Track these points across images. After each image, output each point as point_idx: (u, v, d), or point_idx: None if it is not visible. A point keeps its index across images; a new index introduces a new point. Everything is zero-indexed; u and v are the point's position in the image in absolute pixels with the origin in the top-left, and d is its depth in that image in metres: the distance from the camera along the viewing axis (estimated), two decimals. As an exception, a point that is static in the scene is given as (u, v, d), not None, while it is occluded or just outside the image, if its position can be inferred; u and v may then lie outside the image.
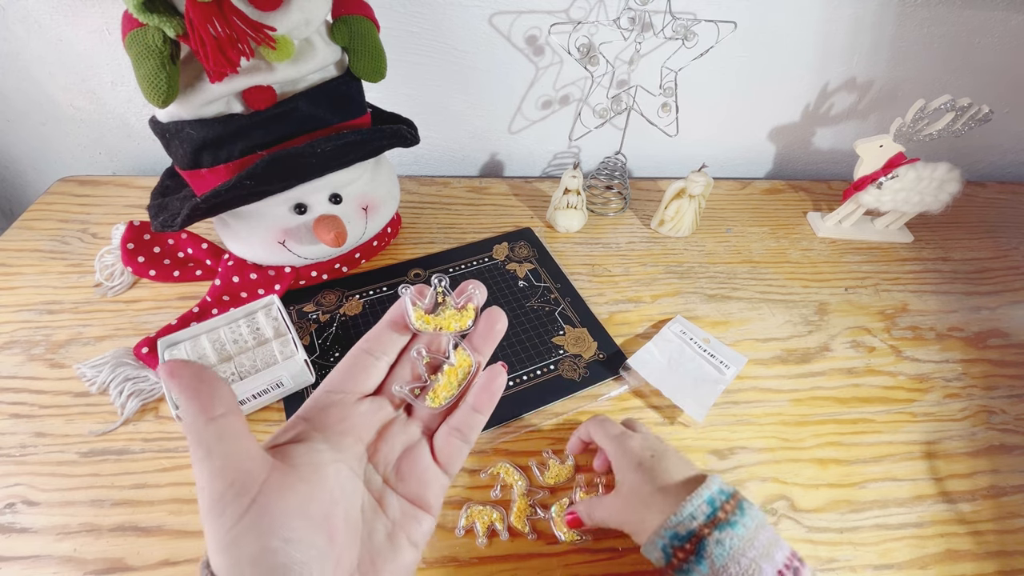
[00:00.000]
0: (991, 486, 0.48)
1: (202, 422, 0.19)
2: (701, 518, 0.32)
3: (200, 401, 0.20)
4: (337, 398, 0.25)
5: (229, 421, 0.20)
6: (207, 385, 0.20)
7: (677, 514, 0.32)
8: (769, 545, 0.31)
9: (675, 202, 0.68)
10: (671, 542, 0.32)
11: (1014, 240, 0.75)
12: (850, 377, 0.55)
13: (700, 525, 0.32)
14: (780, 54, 0.74)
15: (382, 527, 0.23)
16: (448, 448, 0.25)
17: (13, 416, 0.47)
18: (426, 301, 0.27)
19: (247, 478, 0.19)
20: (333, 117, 0.50)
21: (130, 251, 0.56)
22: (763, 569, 0.30)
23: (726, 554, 0.30)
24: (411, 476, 0.24)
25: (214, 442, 0.19)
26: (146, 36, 0.39)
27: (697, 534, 0.31)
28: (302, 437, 0.23)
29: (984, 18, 0.72)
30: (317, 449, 0.23)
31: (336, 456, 0.23)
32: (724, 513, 0.32)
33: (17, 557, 0.39)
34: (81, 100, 0.70)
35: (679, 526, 0.32)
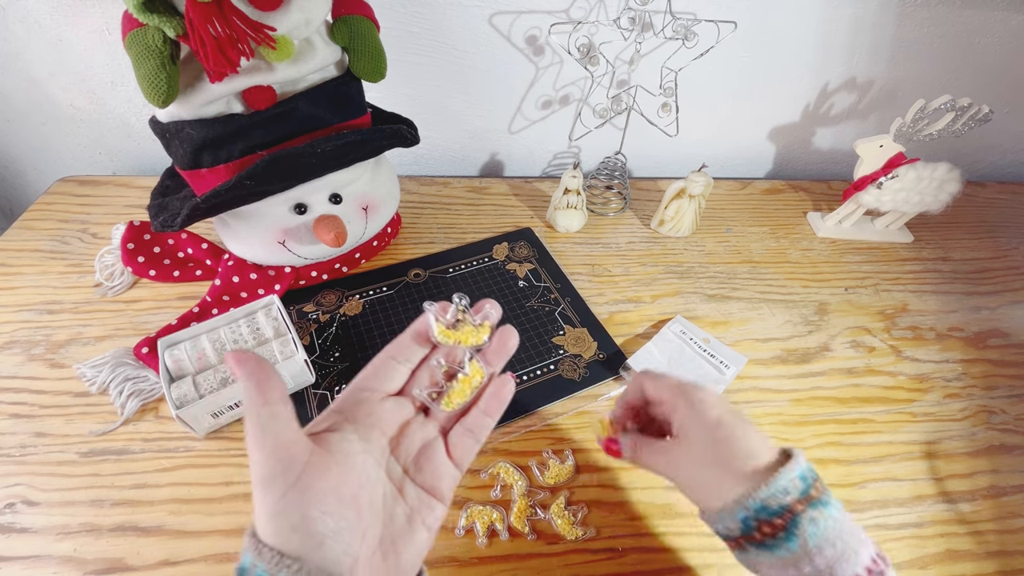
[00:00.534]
0: (991, 486, 0.48)
1: (260, 405, 0.23)
2: (795, 493, 0.29)
3: (260, 388, 0.23)
4: (365, 395, 0.28)
5: (280, 409, 0.23)
6: (266, 375, 0.23)
7: (769, 485, 0.29)
8: (858, 531, 0.29)
9: (675, 202, 0.68)
10: (757, 514, 0.29)
11: (1014, 240, 0.75)
12: (850, 377, 0.55)
13: (794, 500, 0.29)
14: (780, 54, 0.74)
15: (401, 511, 0.26)
16: (461, 446, 0.29)
17: (13, 416, 0.47)
18: (447, 317, 0.30)
19: (292, 459, 0.23)
20: (333, 117, 0.50)
21: (130, 251, 0.56)
22: (858, 554, 0.28)
23: (819, 534, 0.28)
24: (427, 468, 0.27)
25: (268, 424, 0.23)
26: (146, 36, 0.39)
27: (791, 509, 0.29)
28: (336, 427, 0.26)
29: (984, 18, 0.72)
30: (348, 439, 0.25)
31: (364, 447, 0.26)
32: (816, 491, 0.29)
33: (17, 557, 0.39)
34: (81, 100, 0.70)
35: (770, 499, 0.29)
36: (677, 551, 0.42)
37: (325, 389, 0.50)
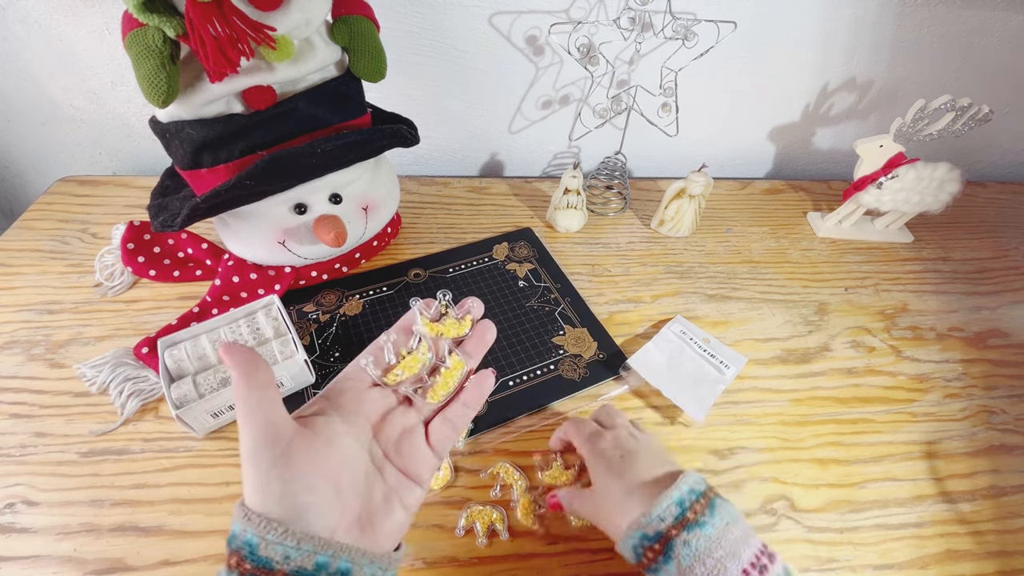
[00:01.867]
0: (991, 486, 0.48)
1: (248, 389, 0.25)
2: (669, 519, 0.32)
3: (249, 373, 0.25)
4: (351, 384, 0.30)
5: (268, 393, 0.25)
6: (254, 363, 0.25)
7: (647, 515, 0.33)
8: (737, 543, 0.32)
9: (675, 202, 0.68)
10: (640, 542, 0.33)
11: (1014, 240, 0.75)
12: (850, 377, 0.55)
13: (668, 526, 0.32)
14: (780, 54, 0.74)
15: (380, 490, 0.28)
16: (440, 434, 0.30)
17: (13, 416, 0.47)
18: (431, 311, 0.33)
19: (279, 436, 0.25)
20: (333, 117, 0.50)
21: (130, 251, 0.56)
22: (728, 569, 0.31)
23: (692, 554, 0.31)
24: (407, 453, 0.29)
25: (256, 405, 0.25)
26: (146, 36, 0.39)
27: (665, 535, 0.32)
28: (322, 412, 0.28)
29: (984, 18, 0.72)
30: (333, 422, 0.28)
31: (348, 429, 0.28)
32: (693, 514, 0.33)
33: (17, 557, 0.39)
34: (81, 100, 0.70)
35: (648, 527, 0.33)
36: (677, 551, 0.42)
37: (325, 389, 0.50)
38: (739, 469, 0.47)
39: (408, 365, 0.31)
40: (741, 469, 0.47)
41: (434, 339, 0.32)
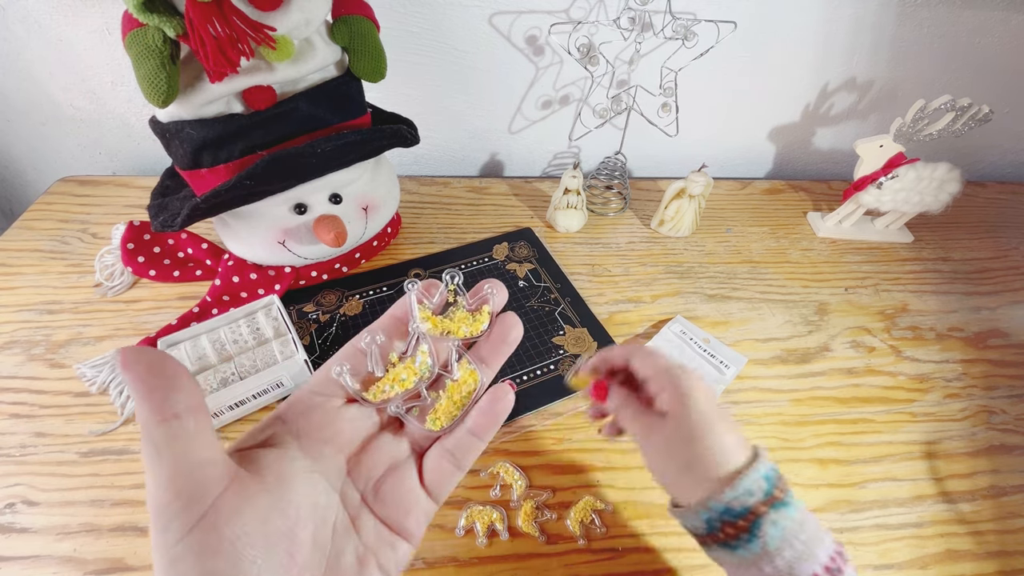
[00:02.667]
0: (991, 486, 0.48)
1: (153, 422, 0.17)
2: (759, 495, 0.28)
3: (153, 398, 0.17)
4: (319, 400, 0.22)
5: (185, 423, 0.17)
6: (164, 380, 0.17)
7: (734, 487, 0.28)
8: (817, 528, 0.29)
9: (675, 202, 0.68)
10: (720, 516, 0.29)
11: (1014, 240, 0.75)
12: (850, 377, 0.55)
13: (757, 503, 0.28)
14: (780, 54, 0.74)
15: (352, 550, 0.21)
16: (438, 472, 0.23)
17: (13, 416, 0.47)
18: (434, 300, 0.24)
19: (198, 490, 0.17)
20: (333, 117, 0.50)
21: (130, 251, 0.56)
22: (816, 555, 0.28)
23: (780, 536, 0.28)
24: (392, 498, 0.22)
25: (164, 446, 0.17)
26: (146, 36, 0.39)
27: (753, 511, 0.28)
28: (275, 441, 0.21)
29: (984, 18, 0.72)
30: (290, 457, 0.20)
31: (312, 466, 0.21)
32: (780, 491, 0.29)
33: (17, 557, 0.39)
34: (81, 100, 0.70)
35: (734, 501, 0.28)
36: (677, 551, 0.42)
37: (325, 389, 0.50)
38: (739, 469, 0.47)
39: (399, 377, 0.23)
40: (741, 469, 0.47)
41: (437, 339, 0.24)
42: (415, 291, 0.24)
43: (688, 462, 0.30)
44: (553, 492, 0.44)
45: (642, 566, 0.41)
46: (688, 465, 0.31)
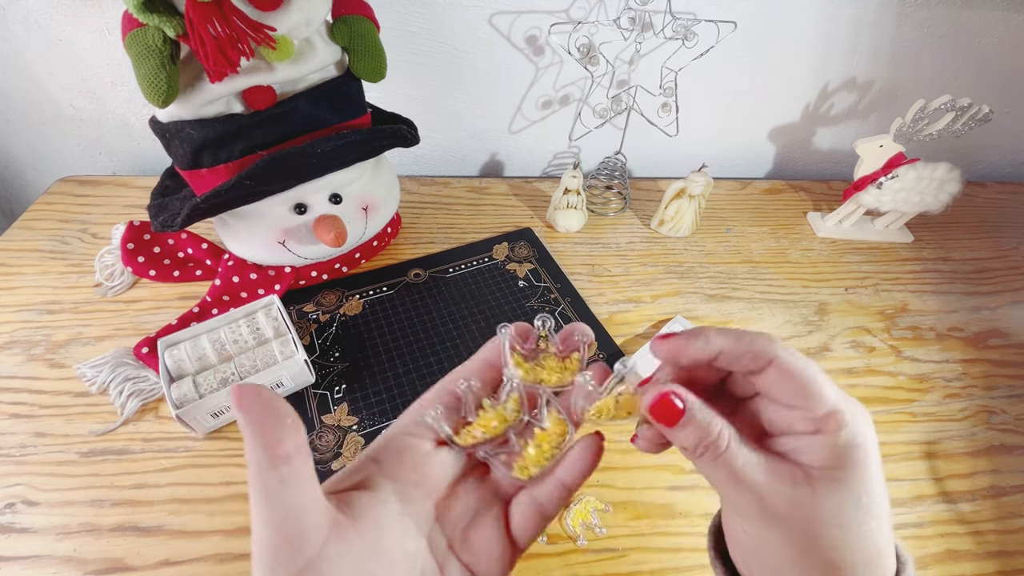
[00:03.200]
0: (991, 486, 0.48)
1: (266, 465, 0.17)
2: None
3: (267, 440, 0.17)
4: (412, 442, 0.22)
5: (295, 466, 0.17)
6: (276, 420, 0.17)
7: None
8: None
9: (675, 202, 0.68)
10: None
11: (1014, 240, 0.75)
12: (850, 377, 0.55)
13: None
14: (780, 54, 0.74)
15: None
16: (525, 522, 0.22)
17: (13, 416, 0.47)
18: (527, 345, 0.23)
19: (306, 534, 0.17)
20: (333, 117, 0.50)
21: (130, 251, 0.56)
22: None
23: None
24: (479, 546, 0.22)
25: (275, 489, 0.17)
26: (146, 36, 0.39)
27: None
28: (369, 484, 0.21)
29: (984, 18, 0.72)
30: (383, 500, 0.20)
31: (403, 510, 0.21)
32: None
33: (17, 557, 0.39)
34: (81, 100, 0.70)
35: None
36: (677, 551, 0.42)
37: (325, 389, 0.50)
38: (739, 469, 0.47)
39: (490, 424, 0.22)
40: (741, 469, 0.47)
41: (528, 386, 0.23)
42: (508, 337, 0.23)
43: (830, 565, 0.19)
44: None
45: (642, 566, 0.41)
46: (826, 570, 0.19)
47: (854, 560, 0.19)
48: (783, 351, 0.21)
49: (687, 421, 0.20)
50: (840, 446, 0.19)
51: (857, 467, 0.19)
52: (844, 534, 0.19)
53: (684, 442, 0.21)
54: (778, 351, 0.20)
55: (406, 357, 0.53)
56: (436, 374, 0.52)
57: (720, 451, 0.20)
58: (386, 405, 0.49)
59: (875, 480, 0.19)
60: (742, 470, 0.20)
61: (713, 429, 0.20)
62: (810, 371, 0.20)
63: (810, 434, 0.20)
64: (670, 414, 0.20)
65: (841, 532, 0.19)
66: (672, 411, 0.20)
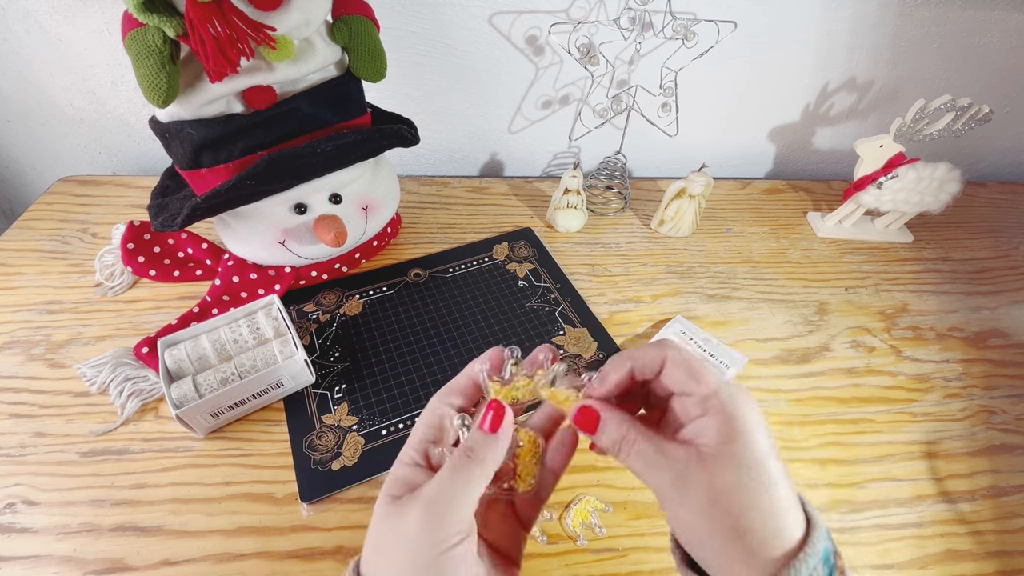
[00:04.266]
0: (991, 486, 0.48)
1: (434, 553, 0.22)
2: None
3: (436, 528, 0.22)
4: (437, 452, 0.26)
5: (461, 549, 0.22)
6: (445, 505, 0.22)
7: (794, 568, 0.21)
8: None
9: (675, 202, 0.68)
10: None
11: (1014, 240, 0.75)
12: (850, 377, 0.55)
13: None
14: (780, 54, 0.74)
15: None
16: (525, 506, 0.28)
17: (13, 416, 0.47)
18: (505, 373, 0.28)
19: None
20: (333, 117, 0.50)
21: (130, 251, 0.56)
22: None
23: None
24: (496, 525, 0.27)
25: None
26: (146, 36, 0.39)
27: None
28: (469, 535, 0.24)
29: (984, 18, 0.72)
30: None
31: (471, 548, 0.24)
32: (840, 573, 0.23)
33: (17, 557, 0.39)
34: (81, 100, 0.70)
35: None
36: (677, 551, 0.42)
37: (325, 389, 0.50)
38: (739, 469, 0.47)
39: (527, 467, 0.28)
40: (741, 469, 0.47)
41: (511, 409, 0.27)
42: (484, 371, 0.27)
43: (739, 529, 0.22)
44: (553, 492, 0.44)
45: (642, 566, 0.41)
46: (738, 533, 0.22)
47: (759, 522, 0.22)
48: (671, 349, 0.25)
49: (603, 427, 0.25)
50: (723, 423, 0.23)
51: (739, 440, 0.23)
52: (742, 500, 0.22)
53: (603, 443, 0.26)
54: (667, 351, 0.25)
55: (406, 357, 0.53)
56: (436, 374, 0.52)
57: (631, 445, 0.24)
58: (386, 405, 0.49)
59: (762, 450, 0.23)
60: (653, 459, 0.24)
61: (623, 429, 0.25)
62: (694, 362, 0.25)
63: (700, 417, 0.24)
64: (590, 422, 0.26)
65: (740, 499, 0.22)
66: (591, 420, 0.26)
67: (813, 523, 0.23)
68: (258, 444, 0.46)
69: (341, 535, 0.41)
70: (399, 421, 0.48)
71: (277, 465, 0.45)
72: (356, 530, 0.42)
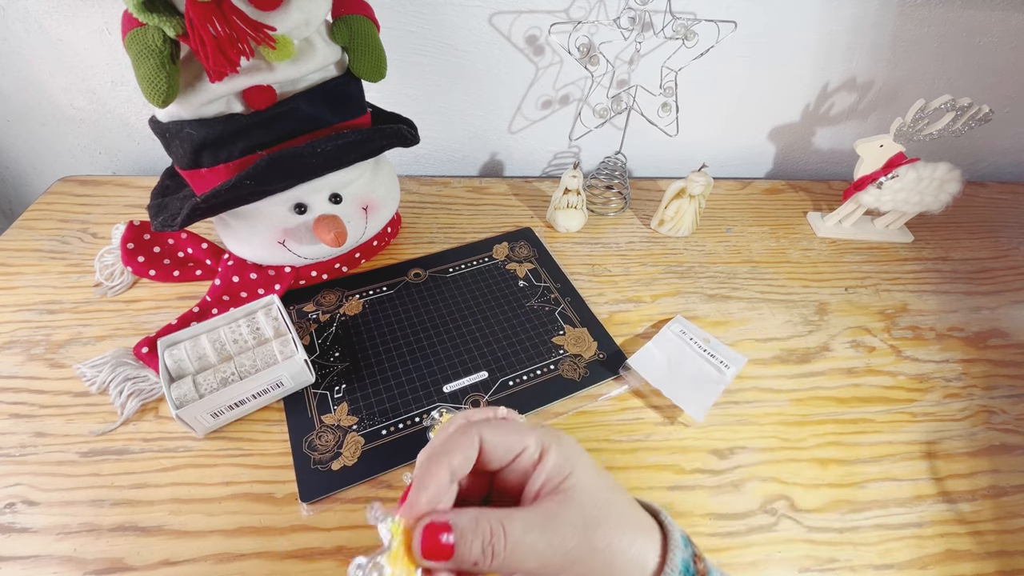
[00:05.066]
0: (991, 486, 0.48)
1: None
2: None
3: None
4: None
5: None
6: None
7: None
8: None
9: (675, 202, 0.68)
10: None
11: (1014, 240, 0.75)
12: (850, 377, 0.55)
13: None
14: (780, 54, 0.74)
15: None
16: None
17: (13, 416, 0.47)
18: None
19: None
20: (333, 117, 0.50)
21: (130, 251, 0.56)
22: None
23: None
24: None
25: None
26: (146, 36, 0.39)
27: None
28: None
29: (984, 18, 0.72)
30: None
31: None
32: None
33: (17, 557, 0.39)
34: (81, 100, 0.70)
35: None
36: (677, 551, 0.42)
37: (325, 389, 0.50)
38: (739, 469, 0.47)
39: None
40: (741, 469, 0.47)
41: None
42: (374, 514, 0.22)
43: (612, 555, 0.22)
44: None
45: (642, 566, 0.41)
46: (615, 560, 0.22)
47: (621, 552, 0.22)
48: (484, 427, 0.24)
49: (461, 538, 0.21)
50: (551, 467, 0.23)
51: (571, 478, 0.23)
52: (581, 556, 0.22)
53: (471, 558, 0.21)
54: (481, 430, 0.24)
55: (406, 357, 0.53)
56: (436, 373, 0.52)
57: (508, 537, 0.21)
58: (386, 405, 0.49)
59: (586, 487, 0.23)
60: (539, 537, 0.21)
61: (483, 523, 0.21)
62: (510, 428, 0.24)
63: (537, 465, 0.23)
64: (438, 545, 0.21)
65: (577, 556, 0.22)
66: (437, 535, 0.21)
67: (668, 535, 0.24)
68: (258, 444, 0.46)
69: (341, 535, 0.41)
70: (399, 421, 0.48)
71: (277, 465, 0.45)
72: (356, 530, 0.42)
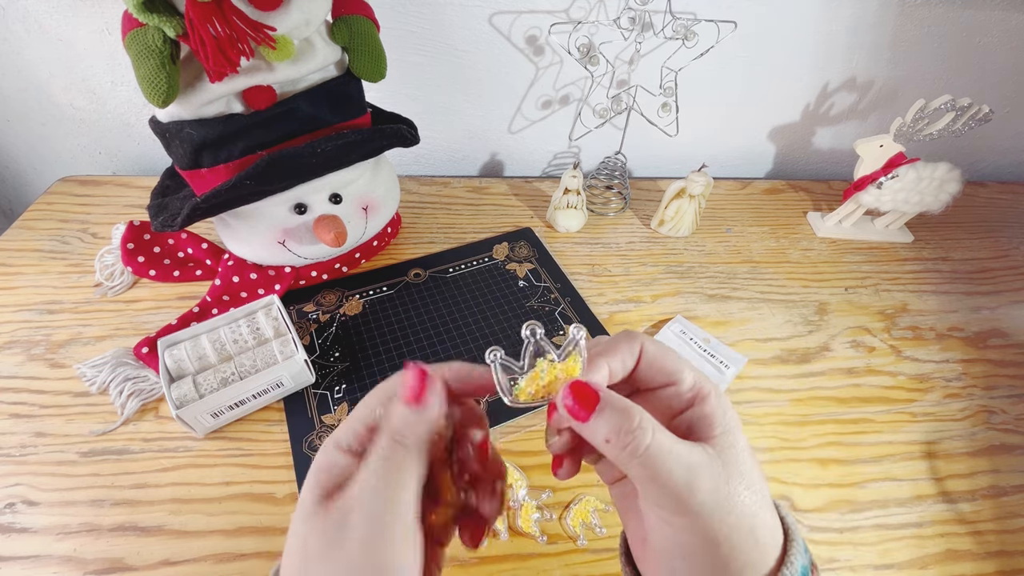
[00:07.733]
0: (991, 486, 0.48)
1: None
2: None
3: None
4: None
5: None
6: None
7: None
8: None
9: (675, 202, 0.68)
10: None
11: (1014, 240, 0.75)
12: (850, 377, 0.55)
13: None
14: (780, 54, 0.74)
15: None
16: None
17: (13, 416, 0.47)
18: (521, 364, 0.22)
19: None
20: (333, 117, 0.50)
21: (130, 251, 0.56)
22: None
23: None
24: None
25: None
26: (146, 36, 0.39)
27: None
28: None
29: (984, 18, 0.72)
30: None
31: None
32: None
33: (17, 557, 0.39)
34: (81, 100, 0.70)
35: None
36: (677, 551, 0.42)
37: (325, 389, 0.50)
38: (739, 469, 0.47)
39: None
40: (741, 469, 0.47)
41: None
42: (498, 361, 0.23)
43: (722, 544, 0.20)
44: (553, 492, 0.44)
45: (642, 566, 0.41)
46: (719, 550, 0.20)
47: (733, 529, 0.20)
48: (645, 341, 0.23)
49: (601, 410, 0.20)
50: (719, 416, 0.21)
51: (729, 436, 0.21)
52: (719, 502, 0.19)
53: (601, 433, 0.20)
54: (644, 342, 0.23)
55: (406, 357, 0.53)
56: (436, 374, 0.52)
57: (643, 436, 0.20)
58: (386, 405, 0.49)
59: (744, 450, 0.21)
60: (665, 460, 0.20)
61: (633, 414, 0.20)
62: (670, 353, 0.23)
63: (686, 411, 0.22)
64: (586, 402, 0.20)
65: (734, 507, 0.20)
66: (588, 400, 0.20)
67: (791, 536, 0.21)
68: (258, 444, 0.46)
69: (341, 535, 0.41)
70: (399, 421, 0.48)
71: (277, 465, 0.45)
72: (356, 530, 0.42)
